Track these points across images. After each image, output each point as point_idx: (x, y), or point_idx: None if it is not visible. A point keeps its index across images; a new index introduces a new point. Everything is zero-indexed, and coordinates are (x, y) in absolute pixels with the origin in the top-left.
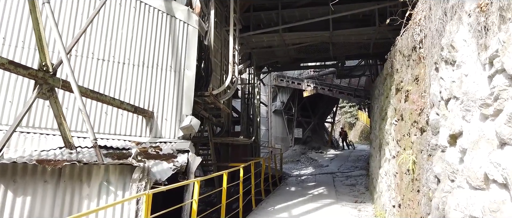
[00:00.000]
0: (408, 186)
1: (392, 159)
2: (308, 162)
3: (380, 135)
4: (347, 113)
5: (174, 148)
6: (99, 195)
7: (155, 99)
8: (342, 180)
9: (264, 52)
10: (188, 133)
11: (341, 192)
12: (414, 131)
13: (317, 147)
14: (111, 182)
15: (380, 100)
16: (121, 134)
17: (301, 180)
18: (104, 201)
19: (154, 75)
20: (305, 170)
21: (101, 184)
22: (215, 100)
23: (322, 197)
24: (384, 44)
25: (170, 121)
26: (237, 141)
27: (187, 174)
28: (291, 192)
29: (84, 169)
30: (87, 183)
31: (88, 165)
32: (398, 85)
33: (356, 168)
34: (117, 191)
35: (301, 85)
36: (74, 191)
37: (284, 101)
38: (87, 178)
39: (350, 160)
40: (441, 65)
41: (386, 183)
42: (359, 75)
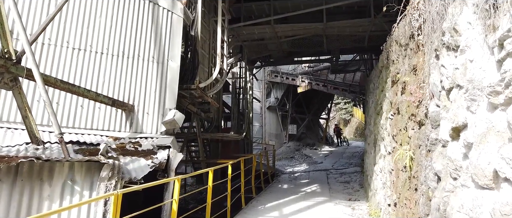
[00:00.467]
0: (404, 184)
1: (388, 155)
2: (302, 159)
3: (375, 130)
4: (342, 109)
5: (155, 143)
6: (62, 196)
7: (136, 92)
8: (336, 177)
9: (256, 45)
10: (171, 128)
11: (334, 190)
12: (412, 125)
13: (311, 144)
14: (76, 181)
15: (375, 95)
16: (98, 128)
17: (294, 177)
18: (68, 203)
19: (135, 67)
20: (299, 167)
21: (65, 183)
22: (202, 94)
23: (315, 194)
24: (379, 37)
25: (152, 115)
26: (227, 137)
27: (167, 171)
28: (284, 189)
29: (45, 166)
30: (49, 182)
31: (50, 162)
32: (394, 77)
33: (350, 164)
34: (83, 191)
35: (295, 81)
36: (33, 192)
37: (278, 97)
38: (49, 177)
39: (345, 156)
40: (442, 52)
41: (381, 180)
42: (354, 71)
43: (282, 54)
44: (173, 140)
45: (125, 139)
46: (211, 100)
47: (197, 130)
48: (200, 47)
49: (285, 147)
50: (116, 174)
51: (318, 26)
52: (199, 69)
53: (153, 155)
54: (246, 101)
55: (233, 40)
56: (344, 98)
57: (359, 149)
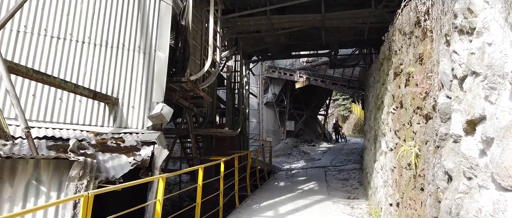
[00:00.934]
0: (409, 183)
1: (390, 152)
2: (299, 155)
3: (376, 126)
4: (341, 105)
5: (140, 139)
6: (25, 197)
7: (120, 84)
8: (335, 174)
9: (252, 38)
10: (158, 123)
11: (333, 187)
12: (417, 119)
13: (309, 140)
14: (42, 181)
15: (375, 88)
16: (79, 123)
17: (291, 174)
18: (32, 205)
19: (120, 57)
20: (296, 164)
21: (29, 183)
22: (194, 88)
23: (313, 192)
24: (380, 29)
25: (138, 109)
26: (221, 132)
27: (152, 169)
28: (280, 187)
29: (6, 164)
30: (10, 182)
31: (12, 160)
32: (397, 69)
33: (349, 161)
34: (50, 192)
35: (293, 77)
36: None
37: (276, 93)
38: (10, 176)
39: (343, 153)
40: (453, 37)
41: (382, 178)
42: (353, 65)
43: (279, 48)
44: (160, 136)
45: (108, 134)
46: (203, 94)
47: (189, 125)
48: (191, 38)
49: (282, 144)
50: (88, 173)
51: (316, 18)
52: (190, 61)
53: (136, 152)
54: (242, 96)
55: (228, 32)
56: (343, 94)
57: (358, 146)
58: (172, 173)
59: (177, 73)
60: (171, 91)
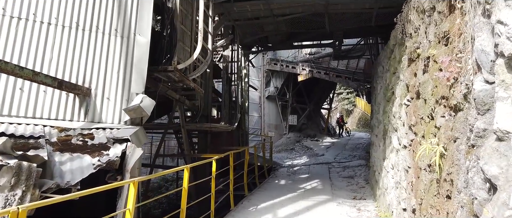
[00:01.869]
0: (429, 187)
1: (403, 150)
2: (302, 151)
3: (385, 120)
4: (345, 99)
5: (113, 135)
6: None
7: (93, 73)
8: (339, 171)
9: (250, 25)
10: (137, 117)
11: (337, 186)
12: (442, 111)
13: (312, 135)
14: None
15: (384, 79)
16: (43, 117)
17: (293, 171)
18: None
19: (93, 42)
20: (299, 160)
21: None
22: (182, 78)
23: (316, 192)
24: (389, 14)
25: (114, 100)
26: (216, 127)
27: (123, 171)
28: (280, 186)
29: None
30: None
31: None
32: (413, 54)
33: (354, 157)
34: None
35: (295, 69)
36: None
37: (278, 86)
38: None
39: (348, 148)
40: (496, 3)
41: (393, 178)
42: (358, 56)
43: (280, 38)
44: (138, 132)
45: (76, 130)
46: (194, 85)
47: (181, 119)
48: (180, 22)
49: (285, 138)
50: (24, 180)
51: (319, 2)
52: (178, 48)
53: (104, 151)
54: (241, 88)
55: (223, 19)
56: (347, 88)
57: (363, 140)
58: (143, 177)
59: (163, 61)
60: (157, 82)
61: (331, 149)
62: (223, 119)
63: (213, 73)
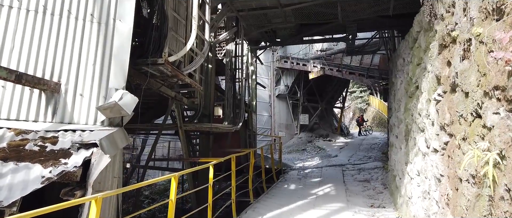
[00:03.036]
0: (475, 204)
1: (433, 154)
2: (314, 151)
3: (407, 119)
4: (358, 98)
5: (81, 139)
6: None
7: (64, 65)
8: (354, 174)
9: (255, 17)
10: (114, 116)
11: (352, 192)
12: (495, 106)
13: (325, 135)
14: None
15: (405, 72)
16: (0, 117)
17: (304, 174)
18: None
19: (64, 28)
20: (311, 161)
21: None
22: (176, 72)
23: (329, 199)
24: (408, 3)
25: (89, 97)
26: (218, 128)
27: (86, 185)
28: (290, 191)
29: None
30: None
31: None
32: (445, 39)
33: (369, 158)
34: None
35: (306, 67)
36: None
37: (288, 85)
38: None
39: (362, 149)
40: None
41: (419, 186)
42: (373, 52)
43: (289, 32)
44: (115, 134)
45: (37, 133)
46: (190, 80)
47: (178, 119)
48: (172, 9)
49: (296, 138)
50: None
51: None
52: (170, 38)
53: (63, 159)
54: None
55: (226, 10)
56: (360, 86)
57: (378, 140)
58: (109, 192)
59: (152, 53)
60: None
61: (345, 150)
62: (227, 119)
63: (217, 70)
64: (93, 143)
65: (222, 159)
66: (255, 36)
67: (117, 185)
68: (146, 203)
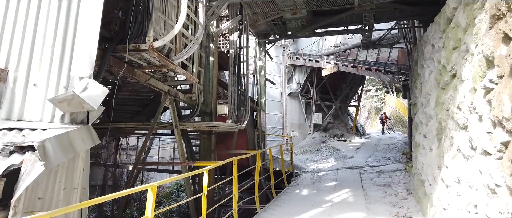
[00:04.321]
0: None
1: (484, 157)
2: (329, 152)
3: (440, 114)
4: (373, 96)
5: (21, 141)
6: None
7: (12, 47)
8: (373, 177)
9: (261, 4)
10: (75, 111)
11: (372, 198)
12: None
13: (339, 134)
14: None
15: (436, 60)
16: None
17: (318, 177)
18: None
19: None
20: (325, 163)
21: None
22: (164, 60)
23: (346, 207)
24: None
25: (46, 88)
26: (218, 127)
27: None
28: (302, 198)
29: None
30: None
31: None
32: (500, 7)
33: (388, 159)
34: None
35: (319, 63)
36: None
37: (300, 82)
38: None
39: (380, 149)
40: None
41: (461, 197)
42: (391, 45)
43: (300, 24)
44: (70, 134)
45: None
46: (183, 71)
47: (173, 117)
48: None
49: (309, 139)
50: None
51: None
52: (156, 20)
53: None
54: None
55: None
56: (375, 84)
57: (396, 140)
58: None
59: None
60: (133, 67)
61: (361, 150)
62: (231, 117)
63: (221, 64)
64: (30, 145)
65: (221, 162)
66: (263, 29)
67: (79, 198)
68: None
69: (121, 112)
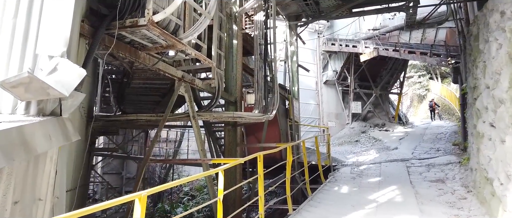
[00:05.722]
0: None
1: None
2: (369, 143)
3: None
4: (416, 83)
5: None
6: None
7: None
8: (422, 171)
9: None
10: (39, 99)
11: (424, 196)
12: None
13: (380, 124)
14: None
15: (509, 29)
16: None
17: (359, 171)
18: None
19: None
20: (366, 155)
21: None
22: (168, 38)
23: (394, 208)
24: None
25: (6, 70)
26: (242, 118)
27: None
28: (341, 196)
29: None
30: None
31: None
32: None
33: (437, 151)
34: None
35: (357, 48)
36: None
37: (336, 70)
38: None
39: (426, 139)
40: None
41: None
42: (439, 23)
43: (334, 2)
44: (24, 129)
45: None
46: (195, 52)
47: (189, 107)
48: None
49: (347, 129)
50: None
51: None
52: None
53: None
54: (290, 69)
55: None
56: (418, 70)
57: (444, 129)
58: None
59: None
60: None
61: (405, 141)
62: (257, 106)
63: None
64: None
65: (242, 159)
66: (294, 10)
67: (49, 211)
68: (185, 199)
69: (139, 103)
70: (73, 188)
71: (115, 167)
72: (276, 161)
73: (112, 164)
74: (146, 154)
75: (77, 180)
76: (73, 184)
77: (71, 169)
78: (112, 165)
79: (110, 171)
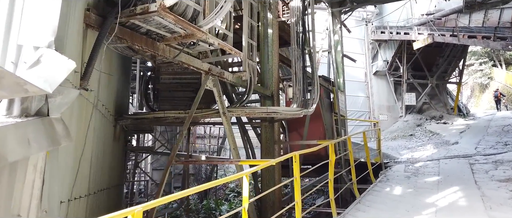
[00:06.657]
0: None
1: None
2: (425, 137)
3: None
4: (477, 71)
5: None
6: None
7: None
8: (488, 169)
9: None
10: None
11: (493, 200)
12: None
13: (438, 116)
14: None
15: None
16: None
17: (414, 169)
18: None
19: None
20: (422, 151)
21: None
22: (186, 26)
23: (458, 213)
24: None
25: None
26: (278, 113)
27: None
28: (393, 199)
29: None
30: None
31: None
32: None
33: (505, 145)
34: None
35: (409, 35)
36: None
37: (387, 59)
38: None
39: (491, 132)
40: None
41: None
42: (504, 1)
43: None
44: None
45: None
46: (219, 41)
47: (219, 102)
48: None
49: (401, 122)
50: None
51: None
52: None
53: None
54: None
55: None
56: (479, 58)
57: (511, 121)
58: None
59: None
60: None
61: (467, 134)
62: (295, 100)
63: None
64: None
65: (274, 161)
66: None
67: None
68: (231, 196)
69: (173, 99)
70: (105, 188)
71: (164, 163)
72: (321, 158)
73: (160, 160)
74: (171, 154)
75: (109, 180)
76: (109, 183)
77: (99, 170)
78: (160, 161)
79: (159, 167)
